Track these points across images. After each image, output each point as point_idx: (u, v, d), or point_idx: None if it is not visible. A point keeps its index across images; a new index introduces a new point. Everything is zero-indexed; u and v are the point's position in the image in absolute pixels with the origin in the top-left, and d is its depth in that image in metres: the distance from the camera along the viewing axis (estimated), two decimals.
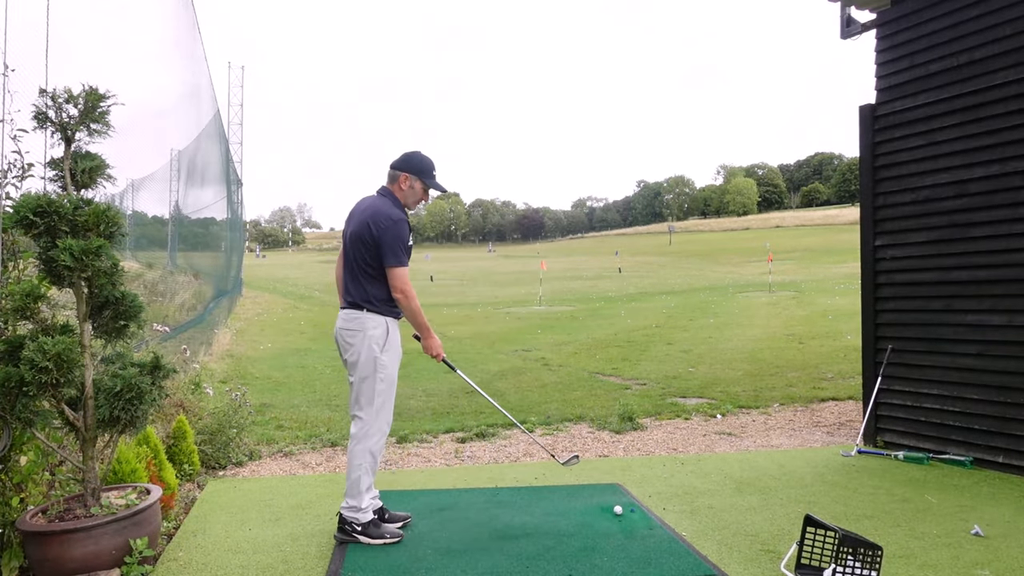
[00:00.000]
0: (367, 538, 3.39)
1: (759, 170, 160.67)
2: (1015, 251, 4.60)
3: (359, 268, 3.42)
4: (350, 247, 3.47)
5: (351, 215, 3.56)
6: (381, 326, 3.40)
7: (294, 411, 6.80)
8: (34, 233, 2.90)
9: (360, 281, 3.42)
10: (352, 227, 3.49)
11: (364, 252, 3.40)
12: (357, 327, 3.38)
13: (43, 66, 3.44)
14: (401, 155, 3.58)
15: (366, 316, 3.39)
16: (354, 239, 3.44)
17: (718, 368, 9.45)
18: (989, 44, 4.74)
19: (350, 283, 3.46)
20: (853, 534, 2.98)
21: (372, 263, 3.39)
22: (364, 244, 3.40)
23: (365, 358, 3.37)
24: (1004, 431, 4.65)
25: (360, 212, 3.50)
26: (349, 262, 3.47)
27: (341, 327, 3.45)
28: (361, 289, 3.41)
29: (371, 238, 3.37)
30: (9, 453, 2.99)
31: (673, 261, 56.90)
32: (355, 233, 3.44)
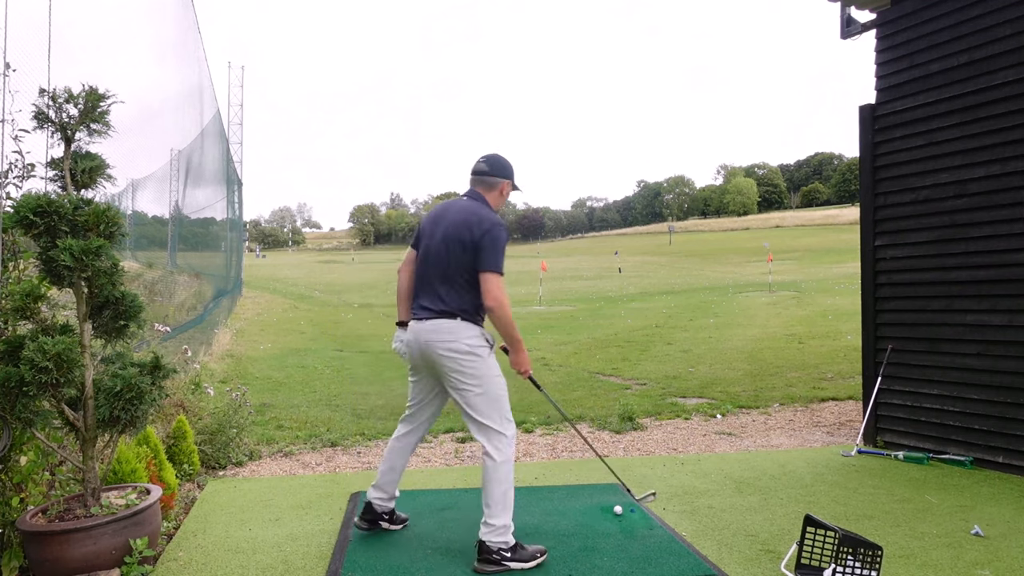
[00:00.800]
0: (519, 563, 3.09)
1: (759, 170, 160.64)
2: (1015, 251, 4.60)
3: (457, 274, 3.18)
4: (445, 252, 3.20)
5: (438, 219, 3.30)
6: (479, 335, 3.19)
7: (294, 411, 6.80)
8: (34, 233, 2.90)
9: (456, 289, 3.18)
10: (446, 230, 3.22)
11: (463, 257, 3.16)
12: (452, 337, 3.14)
13: (43, 66, 3.45)
14: (496, 161, 3.38)
15: (461, 325, 3.16)
16: (452, 242, 3.19)
17: (718, 368, 9.45)
18: (989, 44, 4.74)
19: (439, 291, 3.20)
20: (853, 534, 2.98)
21: (470, 269, 3.16)
22: (464, 248, 3.16)
23: (475, 369, 3.16)
24: (1004, 431, 4.65)
25: (456, 214, 3.25)
26: (442, 269, 3.20)
27: (431, 339, 3.16)
28: (458, 297, 3.18)
29: (472, 242, 3.15)
30: (9, 453, 2.99)
31: (673, 261, 56.89)
32: (453, 236, 3.18)
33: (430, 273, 3.25)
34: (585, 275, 41.40)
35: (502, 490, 3.11)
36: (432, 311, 3.20)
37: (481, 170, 3.37)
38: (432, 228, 3.30)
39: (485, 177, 3.37)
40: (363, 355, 11.38)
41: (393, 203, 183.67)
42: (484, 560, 3.07)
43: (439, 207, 3.42)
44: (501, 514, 3.10)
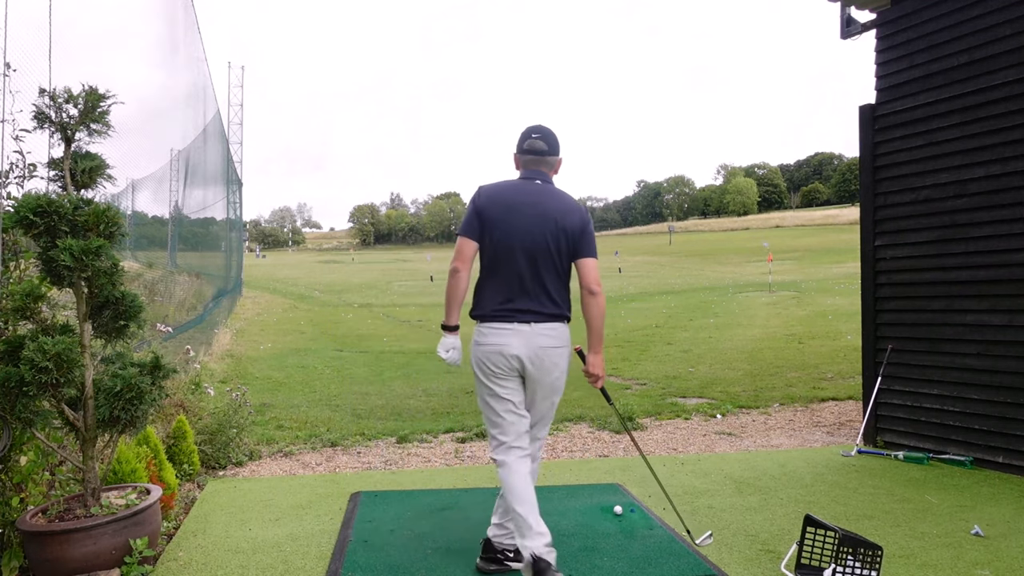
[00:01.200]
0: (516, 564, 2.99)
1: (759, 170, 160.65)
2: (1015, 251, 4.60)
3: (564, 270, 2.91)
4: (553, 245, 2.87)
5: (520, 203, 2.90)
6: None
7: (294, 411, 6.80)
8: (34, 233, 2.90)
9: (563, 287, 2.91)
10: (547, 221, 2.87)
11: (567, 248, 2.89)
12: (564, 342, 2.91)
13: (43, 66, 3.45)
14: (547, 136, 3.01)
15: (565, 329, 2.93)
16: (558, 233, 2.86)
17: (718, 368, 9.45)
18: (989, 44, 4.74)
19: (552, 290, 2.89)
20: (853, 534, 2.98)
21: (569, 260, 2.91)
22: (569, 238, 2.87)
23: (564, 378, 2.97)
24: (1004, 431, 4.65)
25: (554, 201, 2.92)
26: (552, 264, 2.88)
27: (548, 344, 2.86)
28: (564, 294, 2.92)
29: (579, 230, 2.89)
30: (9, 453, 2.99)
31: (673, 261, 56.89)
32: (560, 227, 2.87)
33: (529, 269, 2.87)
34: None
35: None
36: (544, 314, 2.88)
37: (540, 148, 2.99)
38: (519, 215, 2.88)
39: (546, 157, 3.01)
40: (363, 355, 11.38)
41: (393, 203, 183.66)
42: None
43: (507, 191, 2.96)
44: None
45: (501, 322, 2.88)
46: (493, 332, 2.89)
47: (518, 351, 2.85)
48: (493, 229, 2.90)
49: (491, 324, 2.90)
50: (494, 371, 2.90)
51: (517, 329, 2.85)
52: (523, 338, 2.85)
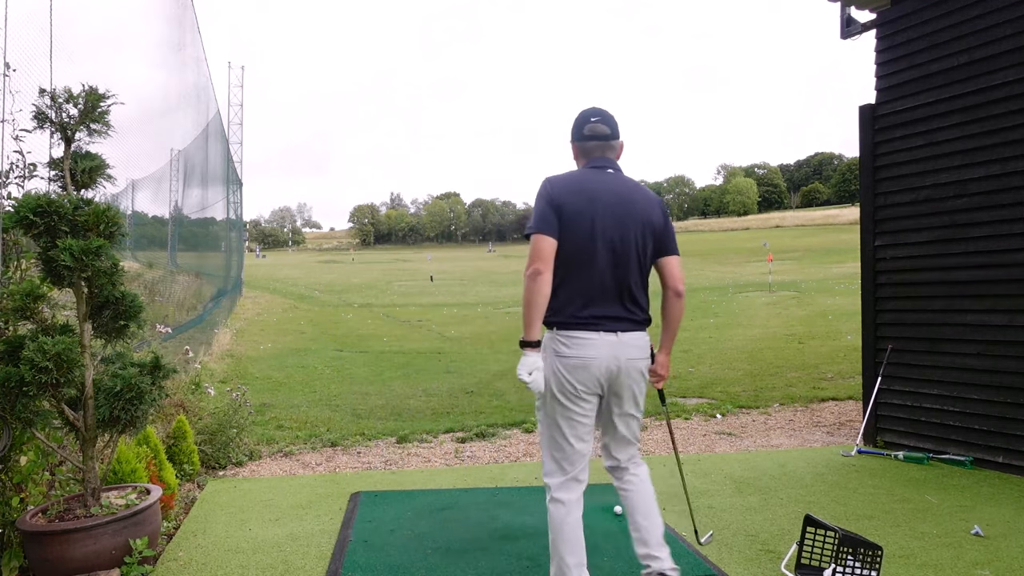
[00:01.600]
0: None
1: (759, 170, 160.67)
2: (1015, 251, 4.60)
3: (645, 270, 2.62)
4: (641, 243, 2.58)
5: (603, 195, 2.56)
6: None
7: (294, 411, 6.80)
8: (34, 233, 2.90)
9: (645, 287, 2.63)
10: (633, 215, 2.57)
11: (652, 246, 2.62)
12: (647, 352, 2.65)
13: (44, 66, 3.45)
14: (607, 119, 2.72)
15: (648, 337, 2.67)
16: (646, 230, 2.58)
17: (718, 368, 9.45)
18: (989, 44, 4.74)
19: (638, 294, 2.60)
20: (853, 534, 2.98)
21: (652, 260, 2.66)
22: (655, 235, 2.61)
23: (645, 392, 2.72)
24: (1004, 431, 4.65)
25: (637, 193, 2.63)
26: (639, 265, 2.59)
27: (636, 356, 2.58)
28: (643, 300, 2.63)
29: (663, 226, 2.64)
30: (9, 453, 2.99)
31: None
32: (646, 222, 2.58)
33: (614, 269, 2.55)
34: None
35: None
36: (632, 321, 2.60)
37: (605, 133, 2.69)
38: (603, 209, 2.54)
39: (610, 141, 2.70)
40: (363, 355, 11.38)
41: (393, 203, 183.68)
42: None
43: (586, 182, 2.61)
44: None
45: (584, 331, 2.51)
46: (576, 343, 2.51)
47: (606, 363, 2.51)
48: (573, 224, 2.52)
49: (572, 333, 2.52)
50: (575, 388, 2.51)
51: (604, 339, 2.52)
52: (610, 349, 2.52)
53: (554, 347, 2.54)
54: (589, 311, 2.52)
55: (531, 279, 2.46)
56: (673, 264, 2.65)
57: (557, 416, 2.56)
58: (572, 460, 2.58)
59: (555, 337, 2.55)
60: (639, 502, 2.69)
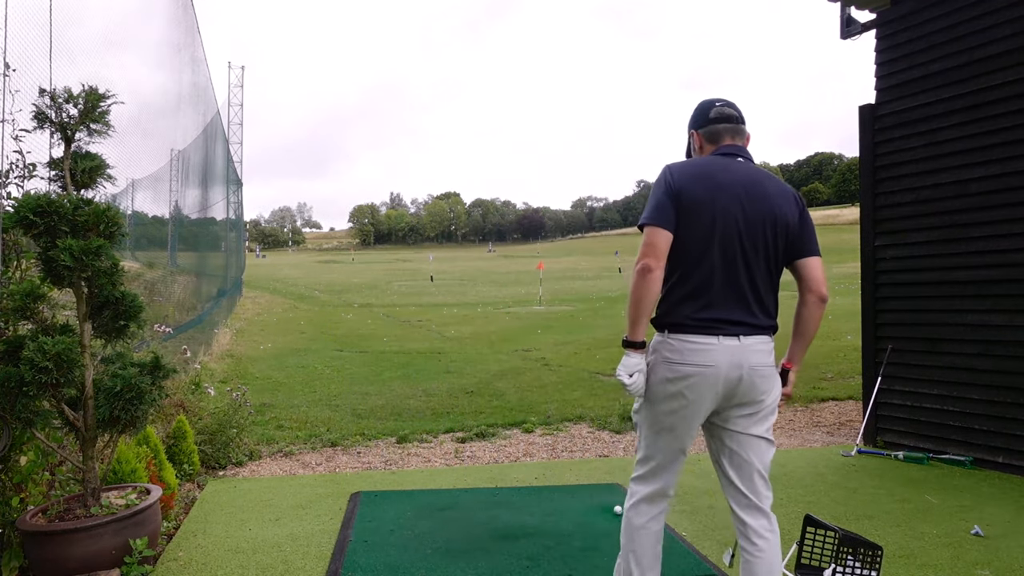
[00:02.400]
0: None
1: None
2: (1015, 251, 4.60)
3: (775, 271, 2.33)
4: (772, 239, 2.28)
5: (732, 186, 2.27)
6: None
7: (294, 411, 6.80)
8: (34, 233, 2.90)
9: (774, 289, 2.34)
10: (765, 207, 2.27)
11: (785, 244, 2.32)
12: (772, 359, 2.33)
13: (43, 66, 3.45)
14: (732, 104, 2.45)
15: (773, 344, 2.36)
16: (779, 226, 2.29)
17: None
18: (989, 44, 4.74)
19: (766, 296, 2.30)
20: (853, 534, 2.98)
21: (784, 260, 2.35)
22: (789, 231, 2.31)
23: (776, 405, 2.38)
24: (1004, 431, 4.65)
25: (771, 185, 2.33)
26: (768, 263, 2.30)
27: (759, 363, 2.25)
28: (771, 304, 2.34)
29: (799, 220, 2.33)
30: (9, 453, 2.99)
31: None
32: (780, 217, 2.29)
33: (741, 268, 2.26)
34: (585, 275, 41.39)
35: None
36: (757, 326, 2.28)
37: (733, 115, 2.41)
38: (724, 202, 2.25)
39: (740, 125, 2.42)
40: (363, 355, 11.38)
41: (393, 203, 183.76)
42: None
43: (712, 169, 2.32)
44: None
45: (701, 334, 2.23)
46: (690, 348, 2.23)
47: (725, 372, 2.22)
48: (694, 216, 2.24)
49: (686, 337, 2.24)
50: (685, 398, 2.24)
51: (724, 344, 2.22)
52: (730, 355, 2.22)
53: (665, 351, 2.27)
54: (709, 314, 2.24)
55: (640, 275, 2.21)
56: (814, 265, 2.33)
57: (660, 426, 2.32)
58: (659, 473, 2.37)
59: (666, 341, 2.28)
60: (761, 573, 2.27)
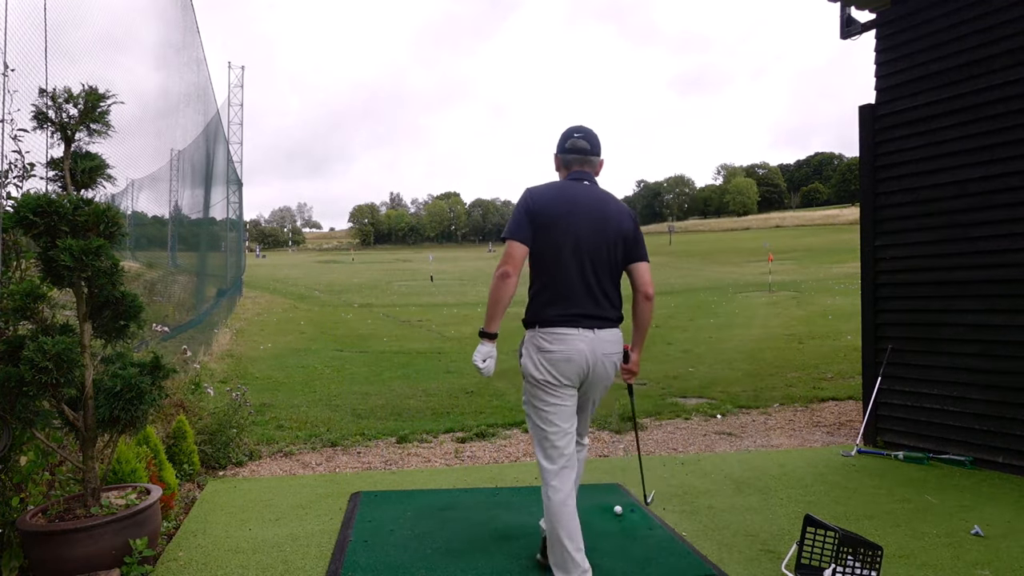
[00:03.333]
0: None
1: (759, 170, 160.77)
2: (1015, 251, 4.60)
3: (616, 273, 2.88)
4: (612, 248, 2.83)
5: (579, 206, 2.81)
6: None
7: (294, 411, 6.80)
8: (34, 233, 2.90)
9: (617, 289, 2.88)
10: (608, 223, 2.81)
11: (623, 251, 2.87)
12: (620, 348, 2.90)
13: (42, 66, 3.45)
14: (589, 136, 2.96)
15: (620, 333, 2.90)
16: (616, 237, 2.82)
17: (718, 368, 9.45)
18: (989, 44, 4.74)
19: (612, 295, 2.85)
20: (853, 534, 2.98)
21: (623, 265, 2.90)
22: (626, 241, 2.85)
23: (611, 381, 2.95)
24: (1004, 431, 4.65)
25: (611, 204, 2.88)
26: (610, 268, 2.83)
27: (610, 351, 2.83)
28: (616, 300, 2.88)
29: (633, 233, 2.88)
30: (9, 453, 2.99)
31: (673, 261, 56.88)
32: (617, 230, 2.83)
33: (591, 274, 2.79)
34: None
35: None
36: (606, 319, 2.82)
37: (583, 147, 2.94)
38: (579, 220, 2.78)
39: (589, 156, 2.95)
40: (363, 355, 11.38)
41: (393, 203, 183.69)
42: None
43: (564, 193, 2.86)
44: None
45: (565, 327, 2.76)
46: (558, 338, 2.75)
47: (586, 357, 2.76)
48: (553, 232, 2.77)
49: (554, 330, 2.76)
50: (557, 381, 2.77)
51: (583, 335, 2.76)
52: (588, 344, 2.76)
53: (537, 344, 2.79)
54: (570, 311, 2.77)
55: (500, 279, 2.75)
56: (643, 269, 2.90)
57: (544, 408, 2.81)
58: (562, 449, 2.81)
59: (538, 334, 2.80)
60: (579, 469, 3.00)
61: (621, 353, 2.90)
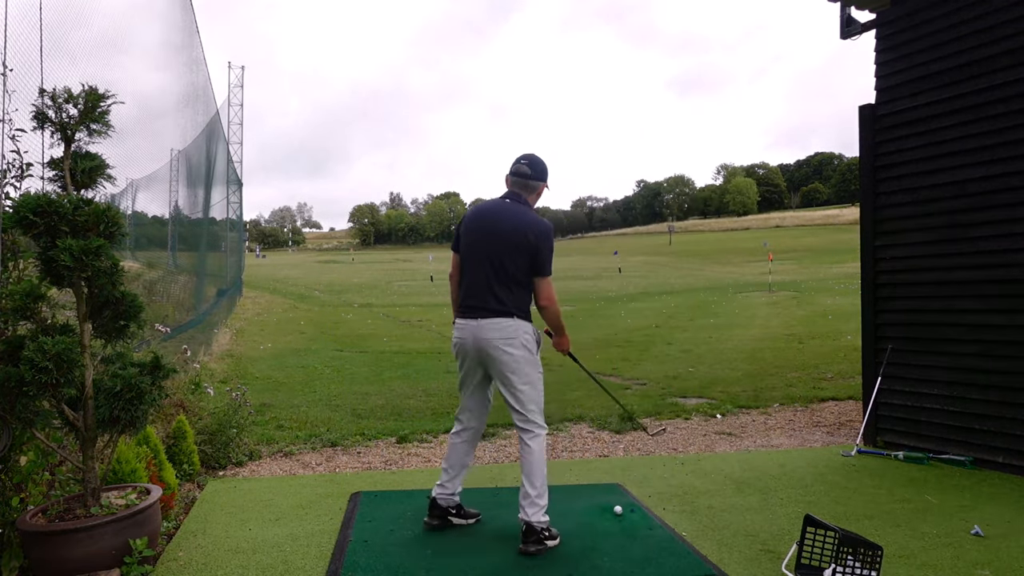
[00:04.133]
0: (552, 541, 3.38)
1: (759, 170, 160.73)
2: (1015, 251, 4.60)
3: (507, 275, 3.36)
4: (501, 255, 3.36)
5: (483, 222, 3.45)
6: (532, 331, 3.44)
7: (294, 411, 6.80)
8: (34, 233, 2.90)
9: (509, 289, 3.38)
10: (500, 234, 3.37)
11: (519, 260, 3.36)
12: (512, 334, 3.35)
13: (43, 66, 3.45)
14: (535, 163, 3.52)
15: (519, 323, 3.38)
16: (508, 247, 3.36)
17: (718, 368, 9.44)
18: (989, 44, 4.73)
19: (495, 290, 3.37)
20: (853, 534, 2.98)
21: (524, 271, 3.38)
22: (520, 252, 3.35)
23: (528, 364, 3.39)
24: (1004, 431, 4.65)
25: (507, 219, 3.40)
26: (494, 269, 3.37)
27: (491, 336, 3.35)
28: (513, 297, 3.38)
29: (529, 246, 3.35)
30: (9, 453, 2.99)
31: (673, 261, 56.89)
32: (509, 241, 3.35)
33: (492, 276, 3.37)
34: (585, 275, 41.38)
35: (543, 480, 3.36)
36: (490, 311, 3.36)
37: (524, 172, 3.49)
38: (479, 231, 3.43)
39: (528, 180, 3.49)
40: (363, 355, 11.38)
41: (393, 203, 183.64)
42: (532, 541, 3.28)
43: (480, 210, 3.51)
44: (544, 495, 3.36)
45: (463, 318, 3.46)
46: (458, 326, 3.49)
47: (470, 341, 3.41)
48: (469, 241, 3.47)
49: (458, 319, 3.51)
50: (459, 359, 3.54)
51: (468, 324, 3.41)
52: (471, 332, 3.40)
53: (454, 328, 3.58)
54: (468, 303, 3.45)
55: (449, 280, 3.67)
56: (538, 283, 3.41)
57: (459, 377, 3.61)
58: (467, 409, 3.63)
59: (455, 321, 3.57)
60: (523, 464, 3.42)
61: (507, 339, 3.34)
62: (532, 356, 3.41)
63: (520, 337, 3.36)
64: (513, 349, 3.35)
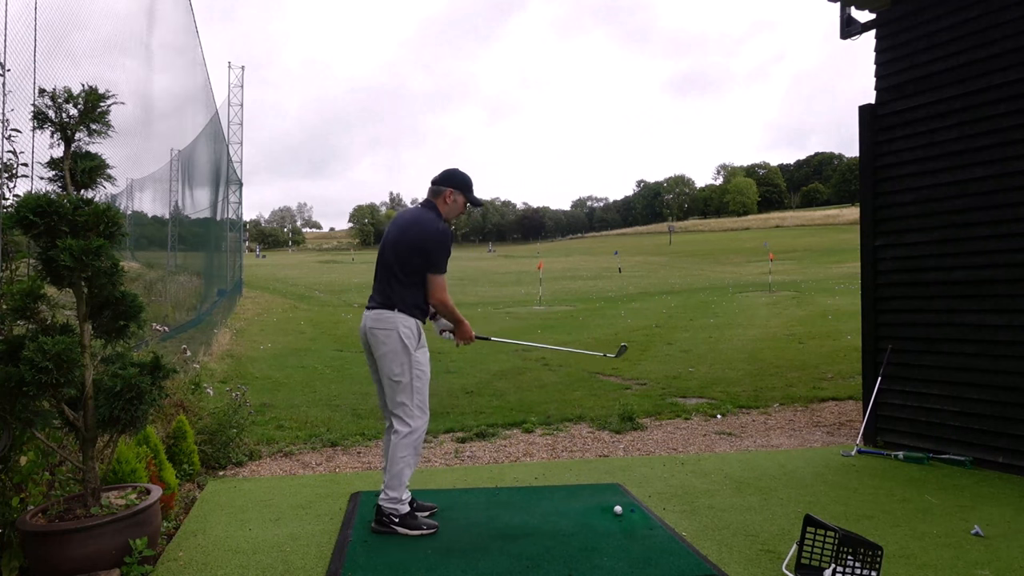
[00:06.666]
0: (405, 529, 3.53)
1: (759, 170, 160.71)
2: (1015, 251, 4.60)
3: (394, 273, 3.58)
4: (390, 253, 3.61)
5: (393, 224, 3.74)
6: (413, 326, 3.57)
7: (294, 411, 6.80)
8: (34, 233, 2.90)
9: (393, 285, 3.59)
10: (395, 235, 3.64)
11: (406, 258, 3.56)
12: (389, 325, 3.54)
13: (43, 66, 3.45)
14: (443, 172, 3.77)
15: (397, 315, 3.54)
16: (397, 246, 3.59)
17: (718, 368, 9.44)
18: (989, 44, 4.73)
19: (384, 286, 3.62)
20: (853, 534, 2.98)
21: (412, 269, 3.56)
22: (408, 251, 3.56)
23: (400, 356, 3.54)
24: (1004, 431, 4.65)
25: (405, 222, 3.67)
26: (385, 267, 3.62)
27: (371, 326, 3.59)
28: (393, 292, 3.58)
29: (417, 246, 3.55)
30: (9, 453, 2.99)
31: (673, 261, 56.88)
32: (399, 241, 3.59)
33: (381, 272, 3.66)
34: (585, 275, 41.39)
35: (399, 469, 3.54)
36: (375, 303, 3.62)
37: (433, 179, 3.79)
38: (388, 234, 3.71)
39: (432, 186, 3.78)
40: (363, 355, 11.36)
41: (393, 203, 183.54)
42: (377, 521, 3.57)
43: (399, 215, 3.83)
44: (397, 488, 3.54)
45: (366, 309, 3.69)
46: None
47: (361, 333, 3.71)
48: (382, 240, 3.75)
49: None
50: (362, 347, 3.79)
51: (363, 315, 3.68)
52: (363, 320, 3.67)
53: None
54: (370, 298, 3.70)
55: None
56: (431, 280, 3.59)
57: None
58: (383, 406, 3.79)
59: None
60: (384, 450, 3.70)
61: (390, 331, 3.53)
62: (408, 351, 3.54)
63: (398, 329, 3.52)
64: (388, 339, 3.53)
